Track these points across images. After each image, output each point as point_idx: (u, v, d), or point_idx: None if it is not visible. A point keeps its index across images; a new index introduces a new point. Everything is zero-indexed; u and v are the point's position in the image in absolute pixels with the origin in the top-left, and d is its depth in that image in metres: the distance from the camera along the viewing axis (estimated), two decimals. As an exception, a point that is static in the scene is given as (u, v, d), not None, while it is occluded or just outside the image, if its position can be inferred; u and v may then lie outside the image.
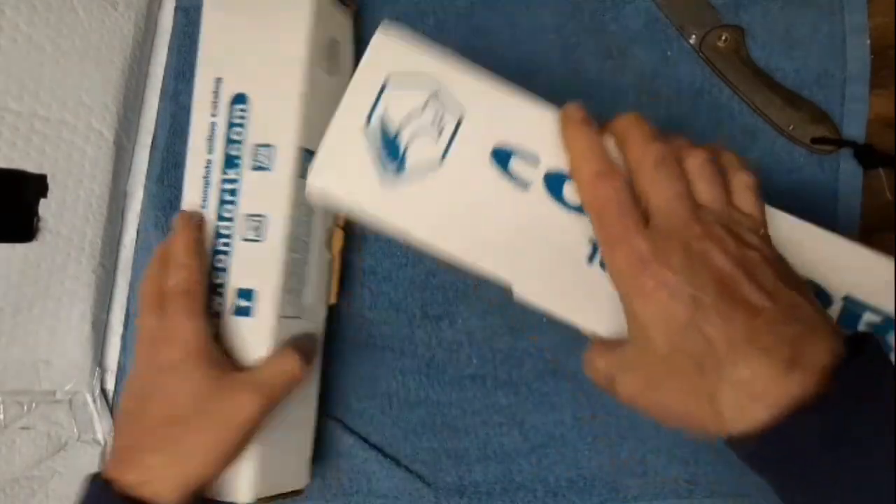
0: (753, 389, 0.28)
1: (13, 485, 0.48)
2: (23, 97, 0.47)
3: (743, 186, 0.33)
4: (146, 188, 0.53)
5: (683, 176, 0.32)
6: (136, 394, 0.40)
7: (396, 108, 0.36)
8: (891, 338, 0.35)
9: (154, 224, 0.52)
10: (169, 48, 0.54)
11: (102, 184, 0.50)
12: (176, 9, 0.54)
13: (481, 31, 0.49)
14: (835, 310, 0.36)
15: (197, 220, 0.42)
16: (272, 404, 0.39)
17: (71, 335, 0.50)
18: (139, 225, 0.53)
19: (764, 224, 0.33)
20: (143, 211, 0.53)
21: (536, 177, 0.35)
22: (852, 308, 0.36)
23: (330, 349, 0.48)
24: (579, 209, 0.35)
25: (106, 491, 0.37)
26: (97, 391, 0.51)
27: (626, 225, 0.31)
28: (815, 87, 0.47)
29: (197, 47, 0.53)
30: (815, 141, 0.46)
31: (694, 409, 0.30)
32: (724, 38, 0.47)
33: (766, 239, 0.33)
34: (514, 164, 0.36)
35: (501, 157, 0.36)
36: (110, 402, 0.52)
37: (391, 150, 0.36)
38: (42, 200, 0.48)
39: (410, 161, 0.36)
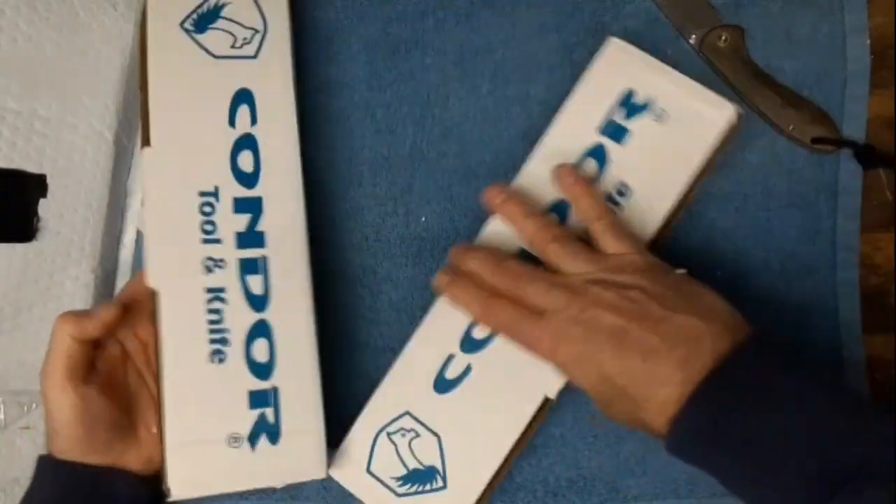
0: (659, 404, 0.36)
1: (13, 485, 0.48)
2: (23, 97, 0.47)
3: (601, 233, 0.41)
4: (146, 188, 0.53)
5: (548, 269, 0.41)
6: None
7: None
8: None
9: (154, 224, 0.52)
10: (169, 48, 0.54)
11: (102, 184, 0.50)
12: (176, 9, 0.54)
13: (481, 31, 0.49)
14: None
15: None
16: (73, 389, 0.40)
17: (71, 335, 0.50)
18: (139, 225, 0.53)
19: (637, 250, 0.40)
20: (143, 211, 0.53)
21: None
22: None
23: (330, 349, 0.48)
24: None
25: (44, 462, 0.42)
26: (97, 391, 0.51)
27: (529, 330, 0.39)
28: (815, 88, 0.47)
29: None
30: (815, 141, 0.46)
31: (636, 423, 0.38)
32: (724, 38, 0.47)
33: (643, 266, 0.39)
34: None
35: None
36: (110, 402, 0.52)
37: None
38: (42, 200, 0.48)
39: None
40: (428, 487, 0.43)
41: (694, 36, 0.48)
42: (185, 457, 0.41)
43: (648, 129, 0.43)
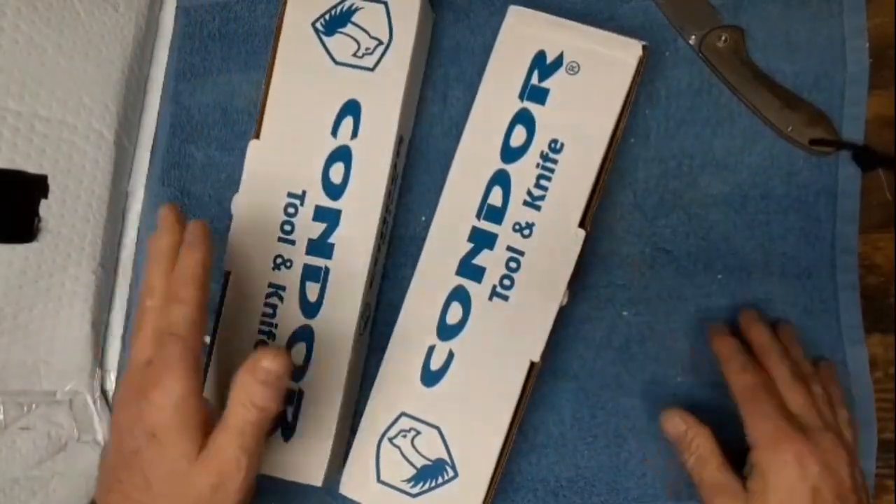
0: None
1: (13, 485, 0.48)
2: (23, 97, 0.47)
3: (844, 425, 0.41)
4: (147, 188, 0.53)
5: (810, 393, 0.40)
6: (117, 446, 0.37)
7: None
8: None
9: (154, 225, 0.52)
10: (170, 49, 0.54)
11: (103, 184, 0.51)
12: (177, 9, 0.54)
13: (479, 31, 0.49)
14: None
15: (209, 237, 0.39)
16: (250, 463, 0.36)
17: (71, 335, 0.50)
18: (140, 225, 0.53)
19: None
20: (143, 211, 0.53)
21: None
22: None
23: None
24: None
25: None
26: (97, 392, 0.51)
27: (773, 404, 0.38)
28: (815, 89, 0.47)
29: (199, 47, 0.53)
30: (813, 142, 0.46)
31: None
32: (723, 38, 0.47)
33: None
34: None
35: None
36: (110, 402, 0.52)
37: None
38: (42, 201, 0.48)
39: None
40: (441, 480, 0.44)
41: (693, 36, 0.48)
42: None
43: (566, 84, 0.44)
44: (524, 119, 0.45)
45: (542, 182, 0.44)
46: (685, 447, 0.41)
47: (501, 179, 0.45)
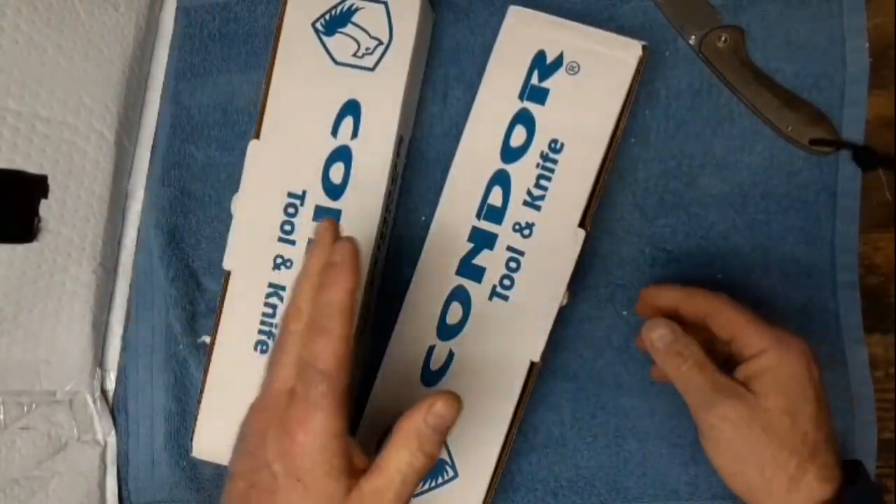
0: (814, 489, 0.36)
1: (13, 485, 0.48)
2: (23, 98, 0.47)
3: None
4: (147, 189, 0.53)
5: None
6: (253, 480, 0.34)
7: None
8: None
9: (155, 225, 0.52)
10: (170, 49, 0.54)
11: (103, 184, 0.51)
12: (177, 9, 0.54)
13: (479, 31, 0.50)
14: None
15: (356, 262, 0.35)
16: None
17: (71, 335, 0.50)
18: (140, 225, 0.53)
19: None
20: (143, 211, 0.53)
21: None
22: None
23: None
24: None
25: None
26: (97, 392, 0.51)
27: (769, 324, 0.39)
28: (815, 90, 0.47)
29: (199, 47, 0.53)
30: (813, 142, 0.46)
31: (780, 464, 0.36)
32: (723, 38, 0.47)
33: None
34: None
35: None
36: (110, 402, 0.52)
37: None
38: (42, 201, 0.48)
39: None
40: (441, 480, 0.44)
41: (693, 36, 0.48)
42: (212, 427, 0.46)
43: (566, 84, 0.44)
44: (524, 119, 0.45)
45: (542, 182, 0.44)
46: (675, 355, 0.38)
47: (501, 179, 0.45)
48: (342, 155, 0.46)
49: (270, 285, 0.46)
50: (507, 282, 0.44)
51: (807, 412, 0.36)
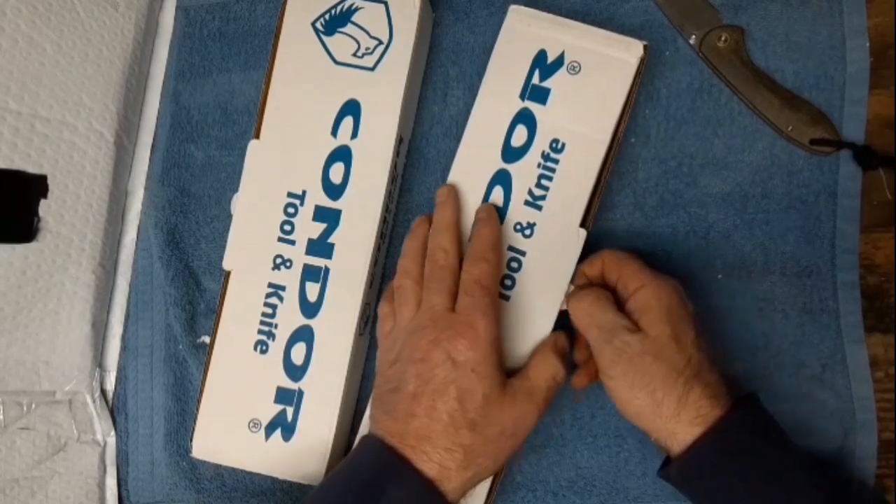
0: (702, 406, 0.38)
1: (13, 485, 0.48)
2: (23, 97, 0.47)
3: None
4: (147, 188, 0.53)
5: None
6: (425, 377, 0.40)
7: None
8: None
9: (154, 224, 0.52)
10: (170, 48, 0.54)
11: (103, 184, 0.50)
12: (177, 9, 0.54)
13: (479, 31, 0.49)
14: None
15: (496, 215, 0.44)
16: (543, 414, 0.41)
17: (71, 336, 0.50)
18: (139, 225, 0.53)
19: None
20: (143, 211, 0.53)
21: None
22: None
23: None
24: None
25: (412, 475, 0.39)
26: (97, 392, 0.51)
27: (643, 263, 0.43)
28: (815, 89, 0.47)
29: (199, 47, 0.52)
30: (813, 142, 0.46)
31: (669, 386, 0.38)
32: (723, 38, 0.47)
33: None
34: None
35: None
36: (110, 402, 0.52)
37: None
38: (42, 201, 0.48)
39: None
40: None
41: (694, 36, 0.48)
42: (212, 427, 0.46)
43: (567, 84, 0.45)
44: (525, 119, 0.45)
45: (544, 182, 0.44)
46: (577, 296, 0.42)
47: (502, 179, 0.45)
48: (342, 155, 0.46)
49: (270, 285, 0.46)
50: (508, 282, 0.44)
51: (689, 337, 0.39)
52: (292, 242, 0.46)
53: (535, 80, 0.45)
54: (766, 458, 0.38)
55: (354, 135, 0.46)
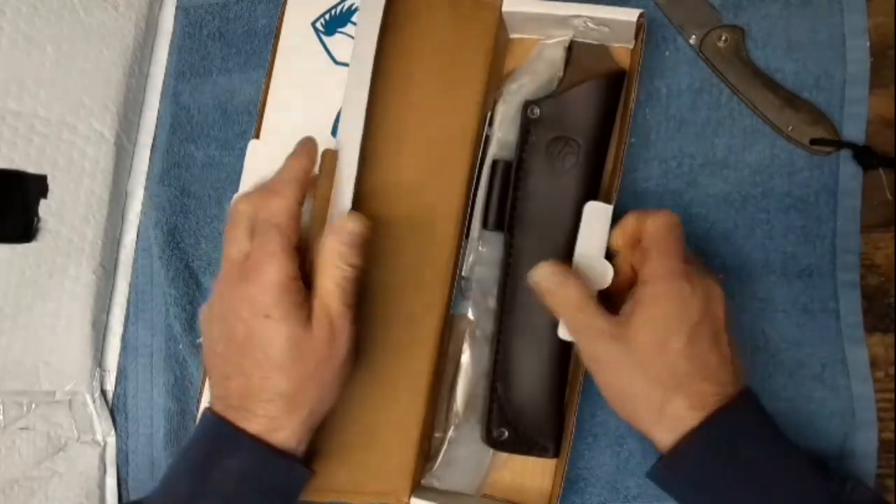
0: (683, 418, 0.37)
1: (13, 485, 0.48)
2: (23, 98, 0.47)
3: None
4: (147, 188, 0.53)
5: None
6: (228, 335, 0.39)
7: None
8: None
9: (154, 224, 0.52)
10: (170, 48, 0.54)
11: (103, 184, 0.51)
12: (177, 9, 0.54)
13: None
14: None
15: (313, 150, 0.42)
16: (350, 316, 0.39)
17: (71, 336, 0.50)
18: (139, 225, 0.53)
19: None
20: (143, 211, 0.53)
21: None
22: None
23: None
24: None
25: (238, 437, 0.37)
26: (97, 392, 0.51)
27: (679, 247, 0.39)
28: (815, 89, 0.47)
29: (199, 47, 0.52)
30: (813, 142, 0.46)
31: (647, 396, 0.37)
32: (724, 38, 0.47)
33: None
34: None
35: None
36: (110, 402, 0.52)
37: None
38: (42, 201, 0.48)
39: None
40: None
41: (694, 36, 0.48)
42: None
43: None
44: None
45: None
46: (552, 294, 0.40)
47: None
48: None
49: None
50: None
51: (676, 346, 0.37)
52: None
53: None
54: (748, 461, 0.37)
55: None
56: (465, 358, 0.46)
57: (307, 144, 0.42)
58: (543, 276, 0.40)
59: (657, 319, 0.37)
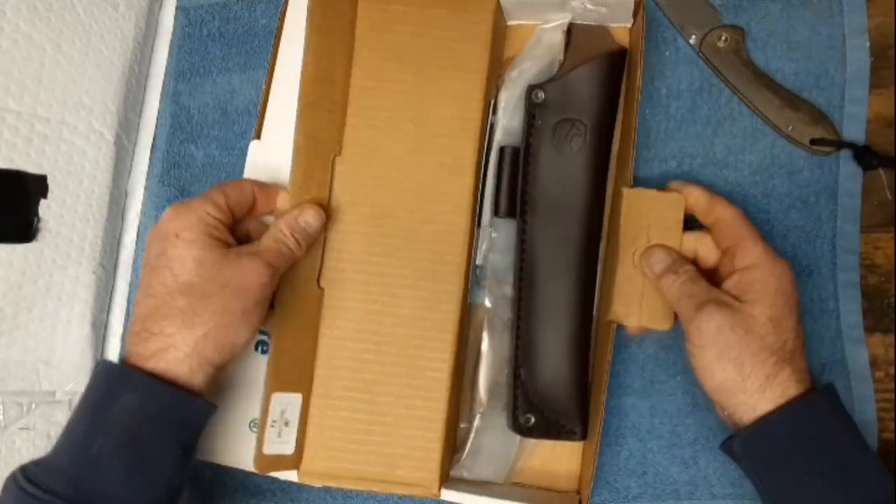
0: (789, 387, 0.38)
1: (13, 485, 0.48)
2: (23, 98, 0.47)
3: None
4: (147, 188, 0.53)
5: None
6: (146, 263, 0.40)
7: None
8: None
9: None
10: (170, 48, 0.54)
11: (103, 184, 0.50)
12: (177, 9, 0.54)
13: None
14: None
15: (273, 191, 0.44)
16: (275, 271, 0.40)
17: (71, 336, 0.50)
18: (139, 225, 0.53)
19: None
20: (143, 211, 0.53)
21: None
22: None
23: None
24: None
25: (131, 375, 0.38)
26: (97, 392, 0.51)
27: (759, 234, 0.42)
28: (815, 89, 0.47)
29: (199, 47, 0.53)
30: (813, 142, 0.46)
31: (759, 365, 0.38)
32: (723, 38, 0.47)
33: None
34: None
35: None
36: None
37: None
38: (42, 201, 0.48)
39: None
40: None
41: (694, 36, 0.48)
42: (211, 426, 0.43)
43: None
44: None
45: None
46: (671, 273, 0.41)
47: None
48: None
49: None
50: None
51: (790, 323, 0.39)
52: None
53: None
54: (836, 444, 0.38)
55: None
56: (485, 346, 0.46)
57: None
58: (658, 258, 0.42)
59: (774, 297, 0.39)
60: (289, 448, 0.43)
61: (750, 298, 0.39)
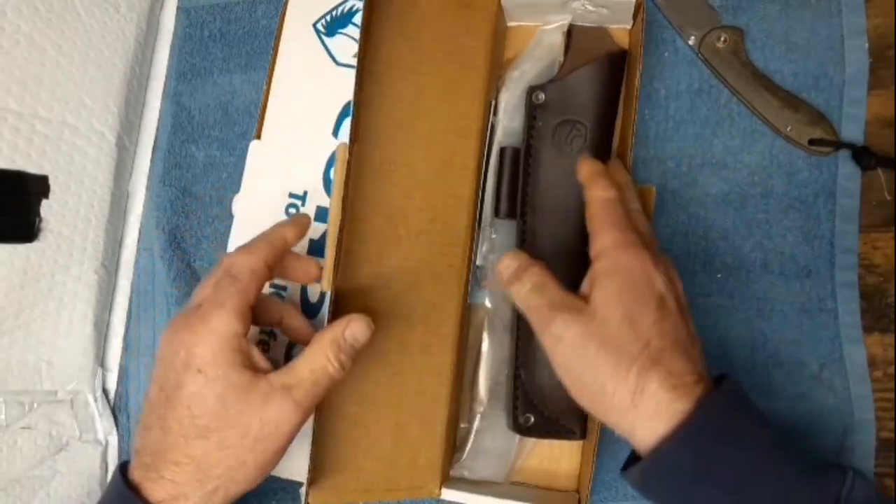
0: (661, 400, 0.34)
1: (14, 485, 0.48)
2: (24, 98, 0.47)
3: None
4: (148, 189, 0.53)
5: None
6: (160, 381, 0.37)
7: None
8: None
9: (156, 225, 0.52)
10: (171, 49, 0.54)
11: (104, 185, 0.51)
12: (178, 10, 0.54)
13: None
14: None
15: (304, 224, 0.41)
16: (307, 412, 0.36)
17: (72, 335, 0.50)
18: (141, 226, 0.53)
19: None
20: (144, 212, 0.53)
21: None
22: None
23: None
24: None
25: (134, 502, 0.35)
26: (99, 391, 0.51)
27: (625, 218, 0.38)
28: (814, 90, 0.47)
29: (199, 48, 0.53)
30: (812, 143, 0.46)
31: (618, 377, 0.34)
32: (723, 39, 0.47)
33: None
34: None
35: None
36: (112, 402, 0.52)
37: None
38: (44, 201, 0.48)
39: None
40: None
41: (693, 37, 0.48)
42: None
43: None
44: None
45: None
46: (517, 279, 0.38)
47: None
48: None
49: (272, 285, 0.46)
50: None
51: (647, 320, 0.34)
52: None
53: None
54: (741, 459, 0.34)
55: None
56: (485, 347, 0.46)
57: (300, 218, 0.41)
58: (504, 266, 0.39)
59: (621, 291, 0.35)
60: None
61: (598, 297, 0.35)
